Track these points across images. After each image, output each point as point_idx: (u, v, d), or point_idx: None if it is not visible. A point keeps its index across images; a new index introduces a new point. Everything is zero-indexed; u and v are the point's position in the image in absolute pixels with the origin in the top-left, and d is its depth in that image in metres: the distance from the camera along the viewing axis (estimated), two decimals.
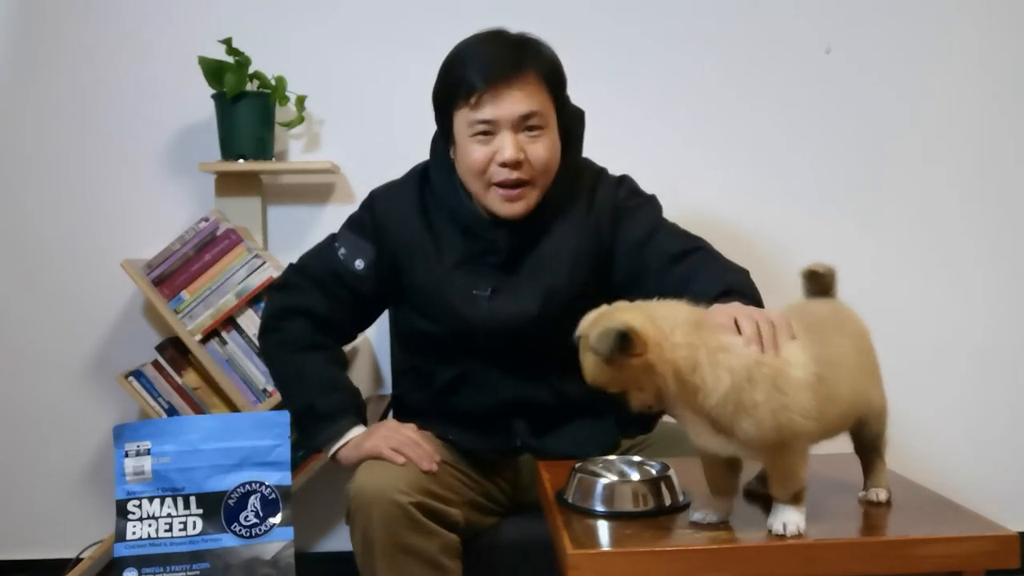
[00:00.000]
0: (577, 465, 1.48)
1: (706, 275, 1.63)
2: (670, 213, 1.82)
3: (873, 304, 2.45)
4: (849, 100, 2.49)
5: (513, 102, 1.64)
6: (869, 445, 1.41)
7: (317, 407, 1.70)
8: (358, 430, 1.68)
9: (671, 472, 1.43)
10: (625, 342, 1.19)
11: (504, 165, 1.65)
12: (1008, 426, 2.55)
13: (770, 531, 1.26)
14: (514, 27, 1.73)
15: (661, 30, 2.47)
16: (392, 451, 1.59)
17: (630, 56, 2.46)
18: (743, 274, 1.67)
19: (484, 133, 1.66)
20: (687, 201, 2.40)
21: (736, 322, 1.25)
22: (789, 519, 1.26)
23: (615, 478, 1.40)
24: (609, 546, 1.26)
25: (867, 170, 2.50)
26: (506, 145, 1.64)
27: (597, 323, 1.24)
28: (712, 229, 1.85)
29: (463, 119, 1.67)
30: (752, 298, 1.57)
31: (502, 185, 1.67)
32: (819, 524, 1.29)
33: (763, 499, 1.46)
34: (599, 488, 1.40)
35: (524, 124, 1.66)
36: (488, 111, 1.64)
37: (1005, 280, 2.53)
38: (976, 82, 2.51)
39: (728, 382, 1.20)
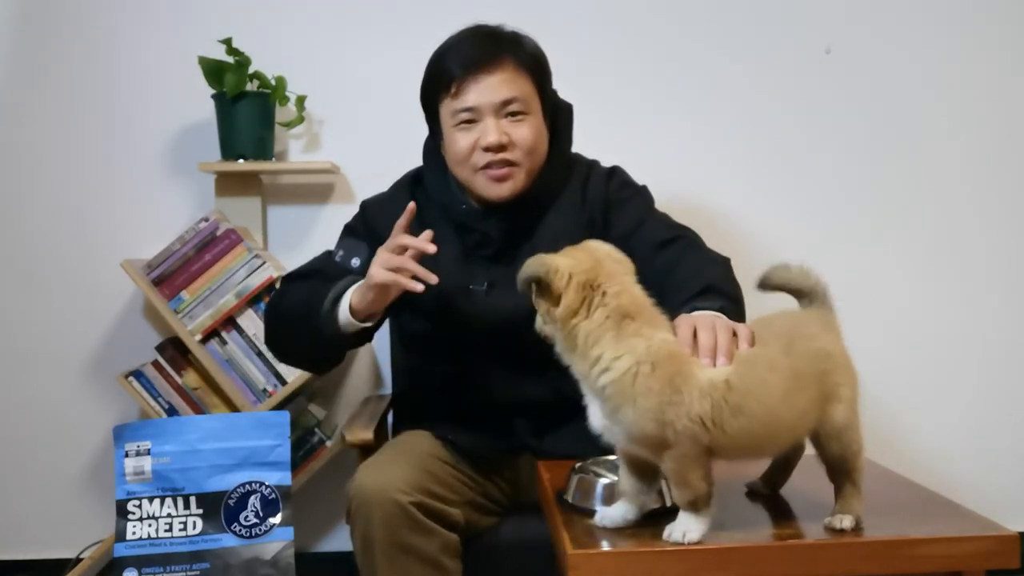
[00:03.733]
0: (577, 465, 1.48)
1: (687, 266, 1.63)
2: (679, 211, 1.82)
3: (878, 305, 2.49)
4: (854, 102, 2.48)
5: (492, 87, 1.66)
6: (836, 467, 1.31)
7: (319, 307, 1.61)
8: (353, 285, 1.61)
9: None
10: (539, 286, 1.22)
11: (488, 149, 1.67)
12: (1008, 426, 2.54)
13: (666, 538, 1.23)
14: (522, 28, 1.75)
15: (679, 28, 2.47)
16: (392, 273, 1.52)
17: (641, 55, 2.46)
18: (723, 266, 1.68)
19: (467, 121, 1.68)
20: (694, 199, 2.40)
21: (696, 333, 1.26)
22: (687, 527, 1.23)
23: (615, 478, 1.40)
24: (609, 546, 1.25)
25: (877, 172, 2.50)
26: (489, 130, 1.66)
27: (552, 254, 1.25)
28: (718, 228, 1.85)
29: (447, 110, 1.70)
30: (728, 294, 1.57)
31: (488, 167, 1.68)
32: (819, 524, 1.29)
33: (764, 499, 1.46)
34: (599, 488, 1.40)
35: (505, 109, 1.67)
36: (468, 98, 1.66)
37: (1012, 282, 2.53)
38: (986, 83, 2.50)
39: (625, 365, 1.19)
